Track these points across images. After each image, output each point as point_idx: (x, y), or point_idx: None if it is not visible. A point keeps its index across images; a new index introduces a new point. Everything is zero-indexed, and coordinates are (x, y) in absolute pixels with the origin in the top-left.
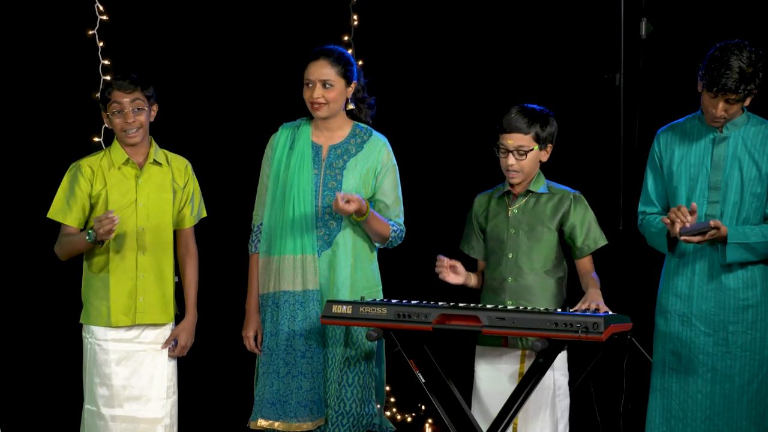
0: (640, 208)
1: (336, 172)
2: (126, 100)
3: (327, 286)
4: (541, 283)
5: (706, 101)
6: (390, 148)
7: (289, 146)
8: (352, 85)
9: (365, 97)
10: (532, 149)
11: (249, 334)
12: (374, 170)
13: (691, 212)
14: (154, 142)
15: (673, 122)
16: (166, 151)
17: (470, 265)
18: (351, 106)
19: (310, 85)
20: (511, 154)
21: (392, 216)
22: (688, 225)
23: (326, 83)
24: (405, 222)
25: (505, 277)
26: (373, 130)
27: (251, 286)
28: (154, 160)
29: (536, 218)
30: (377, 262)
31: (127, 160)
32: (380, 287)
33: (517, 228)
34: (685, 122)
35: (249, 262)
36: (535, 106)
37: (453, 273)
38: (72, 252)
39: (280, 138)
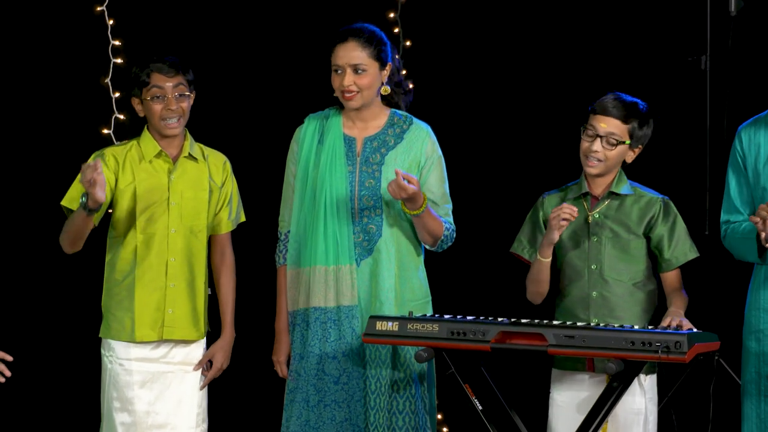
0: (723, 217)
1: (374, 168)
2: (169, 84)
3: (368, 300)
4: (630, 298)
5: None
6: (434, 138)
7: (318, 140)
8: (387, 67)
9: (400, 81)
10: (624, 143)
11: (280, 358)
12: (418, 163)
13: None
14: (189, 135)
15: (756, 116)
16: (202, 146)
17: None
18: (387, 90)
19: (339, 72)
20: (598, 140)
21: (441, 214)
22: None
23: (358, 68)
24: (455, 225)
25: (589, 292)
26: (413, 117)
27: (280, 304)
28: (189, 154)
29: (621, 224)
30: (425, 270)
31: (160, 153)
32: (429, 299)
33: (600, 235)
34: None
35: (277, 277)
36: (638, 100)
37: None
38: (71, 234)
39: (307, 131)
